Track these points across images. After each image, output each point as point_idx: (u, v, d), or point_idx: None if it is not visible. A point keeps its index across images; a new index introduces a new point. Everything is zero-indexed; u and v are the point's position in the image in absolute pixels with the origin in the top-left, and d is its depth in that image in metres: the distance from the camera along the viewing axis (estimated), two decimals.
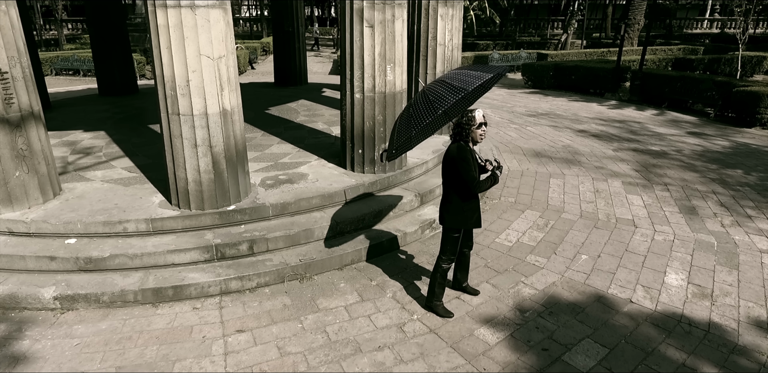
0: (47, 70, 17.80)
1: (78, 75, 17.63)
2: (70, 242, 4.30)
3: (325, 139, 7.03)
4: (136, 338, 3.68)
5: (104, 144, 6.61)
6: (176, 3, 3.63)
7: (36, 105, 4.30)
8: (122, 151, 6.26)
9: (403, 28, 4.87)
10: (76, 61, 17.53)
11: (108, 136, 6.99)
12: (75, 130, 7.31)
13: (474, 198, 3.66)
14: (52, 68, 17.60)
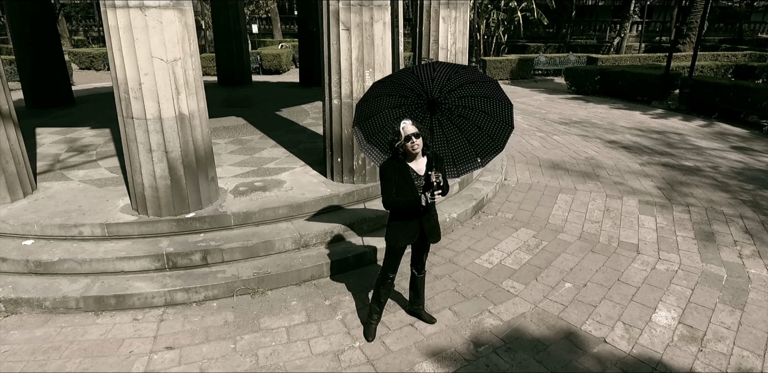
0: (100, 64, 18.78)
1: None
2: (27, 243, 4.29)
3: (322, 144, 6.79)
4: (65, 348, 3.58)
5: (102, 142, 6.70)
6: (124, 3, 3.49)
7: (5, 103, 4.33)
8: (115, 151, 6.30)
9: (385, 31, 4.53)
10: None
11: (111, 134, 7.09)
12: (83, 127, 7.49)
13: (403, 217, 3.31)
14: (104, 63, 18.57)
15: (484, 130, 3.43)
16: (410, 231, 3.35)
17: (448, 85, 3.31)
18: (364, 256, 4.61)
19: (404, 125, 3.05)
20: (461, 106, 3.38)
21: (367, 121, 3.33)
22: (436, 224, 3.50)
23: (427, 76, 3.22)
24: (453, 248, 5.05)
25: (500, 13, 18.88)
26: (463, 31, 6.00)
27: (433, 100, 3.36)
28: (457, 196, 5.87)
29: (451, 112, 3.42)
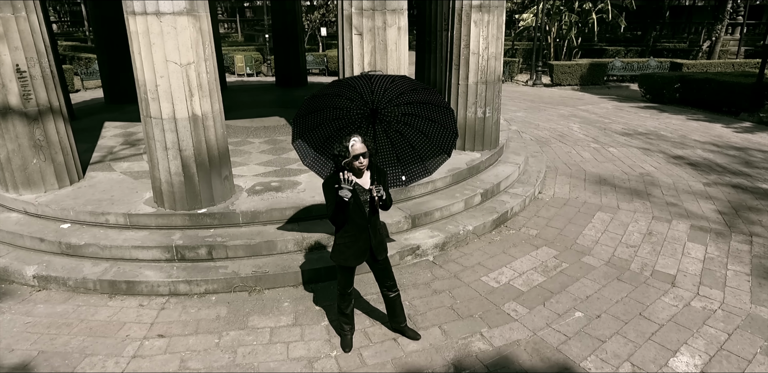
0: None
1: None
2: (64, 226, 4.73)
3: None
4: (75, 326, 3.91)
5: None
6: (143, 10, 3.74)
7: (55, 101, 4.81)
8: None
9: (400, 36, 4.45)
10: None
11: None
12: None
13: (347, 233, 3.24)
14: None
15: (417, 150, 3.46)
16: (359, 249, 3.27)
17: (388, 95, 3.26)
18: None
19: (353, 143, 2.96)
20: (405, 113, 3.38)
21: (311, 133, 3.30)
22: (382, 239, 3.43)
23: (365, 88, 3.15)
24: (462, 263, 4.86)
25: (572, 16, 17.83)
26: (497, 35, 5.74)
27: (374, 110, 3.33)
28: (478, 207, 5.64)
29: (395, 120, 3.42)
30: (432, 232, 5.05)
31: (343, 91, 3.15)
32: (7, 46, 4.31)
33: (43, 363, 3.49)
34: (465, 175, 5.90)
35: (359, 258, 3.30)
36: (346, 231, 3.22)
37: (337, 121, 3.32)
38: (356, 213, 3.15)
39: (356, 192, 3.09)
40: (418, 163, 3.62)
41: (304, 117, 3.11)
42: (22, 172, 4.86)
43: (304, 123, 3.16)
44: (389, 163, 3.66)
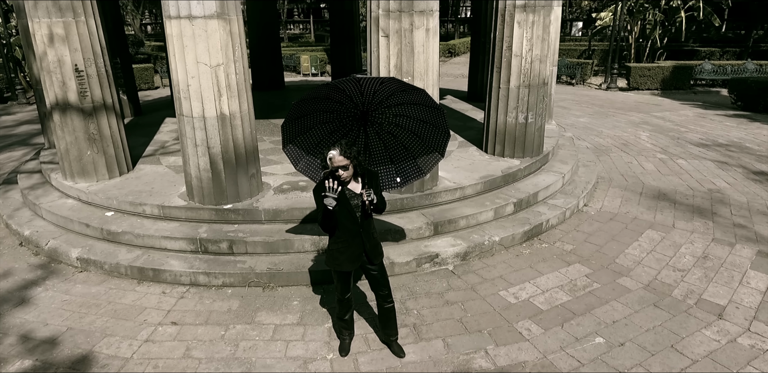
0: None
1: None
2: (108, 214, 5.16)
3: None
4: (102, 307, 4.25)
5: None
6: (177, 14, 3.99)
7: (108, 98, 5.26)
8: None
9: (428, 38, 4.38)
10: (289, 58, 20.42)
11: None
12: None
13: (340, 239, 3.22)
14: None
15: (411, 151, 3.44)
16: (353, 254, 3.24)
17: (378, 96, 3.23)
18: None
19: (331, 156, 2.94)
20: (396, 114, 3.35)
21: (302, 137, 3.30)
22: (376, 243, 3.38)
23: (355, 90, 3.11)
24: (482, 274, 4.70)
25: (658, 14, 16.49)
26: (543, 36, 5.46)
27: (365, 112, 3.30)
28: (510, 218, 5.42)
29: (387, 122, 3.39)
30: (455, 240, 4.93)
31: (332, 93, 3.16)
32: (68, 48, 4.80)
33: (68, 339, 3.84)
34: (499, 183, 5.69)
35: (353, 262, 3.29)
36: (339, 237, 3.22)
37: (327, 124, 3.33)
38: (347, 218, 3.14)
39: (347, 197, 3.09)
40: (411, 164, 3.59)
41: (293, 121, 3.16)
42: (77, 163, 5.38)
43: (293, 127, 3.21)
44: (382, 165, 3.63)
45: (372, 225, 3.30)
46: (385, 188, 3.61)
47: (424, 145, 3.49)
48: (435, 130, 3.40)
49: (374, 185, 3.19)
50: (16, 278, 4.74)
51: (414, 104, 3.25)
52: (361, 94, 3.08)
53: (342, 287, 3.41)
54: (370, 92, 3.07)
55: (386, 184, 3.61)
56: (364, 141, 3.50)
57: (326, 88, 3.13)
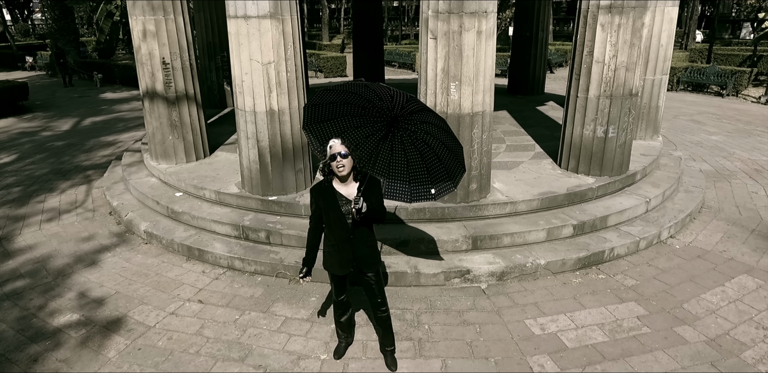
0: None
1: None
2: (177, 194, 5.82)
3: None
4: (150, 277, 4.83)
5: None
6: (235, 14, 4.35)
7: (191, 89, 5.92)
8: None
9: (479, 41, 4.19)
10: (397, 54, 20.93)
11: None
12: None
13: (329, 242, 3.24)
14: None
15: (444, 162, 3.30)
16: (342, 259, 3.24)
17: (409, 107, 3.10)
18: (402, 277, 4.53)
19: (332, 144, 2.97)
20: (424, 131, 3.23)
21: (321, 125, 3.29)
22: (370, 252, 3.31)
23: (385, 93, 3.04)
24: (515, 298, 4.42)
25: None
26: (632, 41, 4.88)
27: (395, 117, 3.21)
28: (566, 241, 5.00)
29: (414, 135, 3.28)
30: (493, 258, 4.69)
31: (361, 91, 3.18)
32: (157, 43, 5.51)
33: (112, 301, 4.44)
34: (561, 201, 5.27)
35: (343, 267, 3.29)
36: (329, 240, 3.25)
37: (355, 118, 3.35)
38: (337, 224, 3.15)
39: (338, 202, 3.11)
40: (445, 175, 3.45)
41: (316, 107, 3.19)
42: (161, 146, 6.15)
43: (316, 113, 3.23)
44: (419, 175, 3.55)
45: (367, 233, 3.26)
46: (417, 200, 3.52)
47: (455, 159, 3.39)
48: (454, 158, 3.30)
49: (373, 194, 3.13)
50: (95, 242, 5.58)
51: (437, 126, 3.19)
52: (391, 98, 3.08)
53: (335, 288, 3.47)
54: (400, 100, 3.05)
55: (419, 195, 3.49)
56: (390, 145, 3.48)
57: (355, 84, 3.15)
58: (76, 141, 10.32)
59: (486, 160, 4.90)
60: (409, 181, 3.54)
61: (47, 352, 3.80)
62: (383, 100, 3.23)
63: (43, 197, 6.98)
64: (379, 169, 3.52)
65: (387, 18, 34.88)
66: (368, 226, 3.27)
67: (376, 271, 3.36)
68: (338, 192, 3.13)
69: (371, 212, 3.05)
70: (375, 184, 3.20)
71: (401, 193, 3.56)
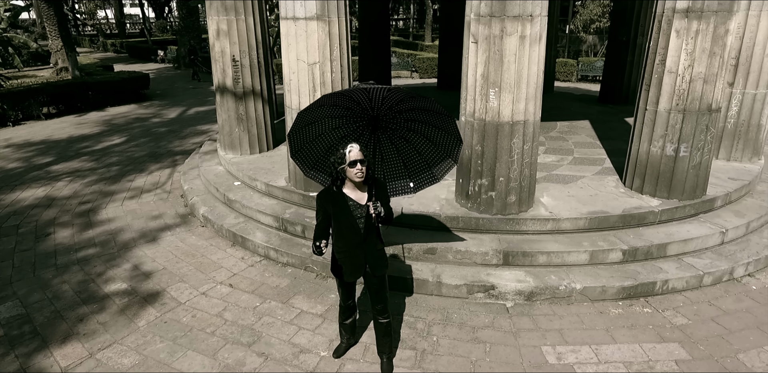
0: None
1: None
2: (236, 183, 6.26)
3: None
4: (196, 257, 5.26)
5: None
6: (285, 15, 4.56)
7: (257, 85, 6.31)
8: None
9: (523, 46, 3.95)
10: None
11: None
12: None
13: (341, 249, 3.23)
14: None
15: (424, 156, 3.33)
16: (354, 265, 3.24)
17: (387, 102, 3.10)
18: (424, 284, 4.46)
19: (351, 149, 2.95)
20: (408, 119, 3.23)
21: (307, 147, 3.33)
22: (380, 255, 3.30)
23: (362, 96, 3.03)
24: (538, 322, 4.15)
25: None
26: (712, 50, 4.27)
27: (375, 117, 3.20)
28: (612, 267, 4.58)
29: (399, 126, 3.29)
30: (524, 276, 4.44)
31: (339, 101, 3.18)
32: (229, 41, 5.94)
33: (157, 276, 4.90)
34: (614, 222, 4.82)
35: (354, 273, 3.31)
36: (340, 247, 3.25)
37: (337, 130, 3.36)
38: (349, 229, 3.15)
39: (349, 208, 3.11)
40: (425, 170, 3.47)
41: (300, 130, 3.23)
42: (228, 137, 6.64)
43: (301, 137, 3.27)
44: (396, 171, 3.54)
45: (376, 236, 3.27)
46: (397, 194, 3.56)
47: (438, 150, 3.39)
48: (447, 135, 3.25)
49: (382, 196, 3.17)
50: (161, 221, 6.19)
51: (423, 110, 3.14)
52: (370, 100, 3.08)
53: (343, 293, 3.48)
54: (378, 98, 3.05)
55: (399, 190, 3.54)
56: (375, 147, 3.46)
57: (332, 96, 3.17)
58: (176, 128, 11.47)
59: (528, 172, 4.64)
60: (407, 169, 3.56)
61: (92, 314, 4.31)
62: (360, 104, 3.21)
63: (133, 177, 7.89)
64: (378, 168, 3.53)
65: None
66: (377, 229, 3.28)
67: (383, 275, 3.35)
68: (349, 197, 3.13)
69: (387, 215, 3.11)
70: (382, 186, 3.24)
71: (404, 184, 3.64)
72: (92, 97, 13.82)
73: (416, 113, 3.19)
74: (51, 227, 6.11)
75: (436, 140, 3.25)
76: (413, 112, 3.18)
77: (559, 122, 8.42)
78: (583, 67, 17.43)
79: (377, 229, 3.28)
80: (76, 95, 13.50)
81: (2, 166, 8.78)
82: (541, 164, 6.27)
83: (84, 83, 13.89)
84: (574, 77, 17.76)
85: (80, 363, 3.70)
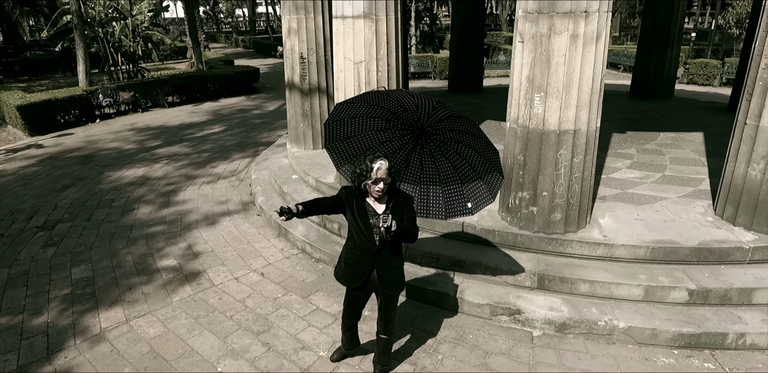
0: None
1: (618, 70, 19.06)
2: (294, 177, 6.50)
3: None
4: (243, 244, 5.56)
5: None
6: (335, 14, 4.57)
7: (323, 82, 6.46)
8: None
9: (575, 46, 3.49)
10: (623, 56, 18.82)
11: None
12: None
13: (351, 250, 3.12)
14: None
15: (477, 170, 3.05)
16: (357, 271, 3.12)
17: (436, 115, 2.83)
18: (444, 298, 4.24)
19: (380, 165, 2.82)
20: (454, 140, 3.01)
21: (345, 142, 3.20)
22: (395, 273, 3.13)
23: (409, 102, 2.81)
24: (563, 358, 3.73)
25: None
26: None
27: (422, 128, 3.01)
28: (674, 308, 3.95)
29: (444, 145, 3.06)
30: (560, 304, 4.01)
31: (383, 102, 3.08)
32: (298, 39, 6.14)
33: (203, 257, 5.26)
34: (684, 256, 4.14)
35: (352, 281, 3.18)
36: (351, 248, 3.15)
37: (382, 132, 3.25)
38: (360, 234, 3.04)
39: (366, 212, 3.00)
40: (481, 186, 3.14)
41: (339, 123, 3.14)
42: (294, 131, 6.90)
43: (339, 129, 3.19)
44: (451, 187, 3.30)
45: (394, 251, 3.10)
46: (454, 215, 3.31)
47: (489, 165, 3.09)
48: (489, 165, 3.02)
49: (405, 210, 2.99)
50: (225, 206, 6.63)
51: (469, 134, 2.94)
52: (416, 107, 2.93)
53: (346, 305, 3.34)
54: (426, 108, 2.89)
55: (455, 211, 3.28)
56: (419, 159, 3.32)
57: (377, 95, 3.09)
58: (270, 120, 12.24)
59: (578, 189, 4.17)
60: (443, 195, 3.33)
61: (140, 285, 4.76)
62: (407, 111, 3.09)
63: (216, 164, 8.57)
64: (409, 184, 3.37)
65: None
66: (397, 244, 3.11)
67: (395, 293, 3.22)
68: (368, 203, 3.03)
69: (401, 231, 2.85)
70: (406, 200, 3.05)
71: (436, 209, 3.37)
72: (210, 88, 15.28)
73: (454, 121, 2.99)
74: (137, 203, 6.86)
75: (482, 149, 3.01)
76: (451, 121, 2.99)
77: (662, 133, 7.48)
78: (729, 70, 15.05)
79: (397, 243, 3.09)
80: (196, 87, 15.01)
81: (121, 146, 10.07)
82: (617, 180, 5.62)
83: (202, 76, 15.40)
84: (717, 81, 15.56)
85: (116, 327, 4.11)
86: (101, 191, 7.32)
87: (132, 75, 16.66)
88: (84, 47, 13.53)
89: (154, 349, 3.81)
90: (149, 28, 17.56)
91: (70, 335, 4.00)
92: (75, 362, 3.70)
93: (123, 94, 13.14)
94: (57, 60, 18.71)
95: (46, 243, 5.65)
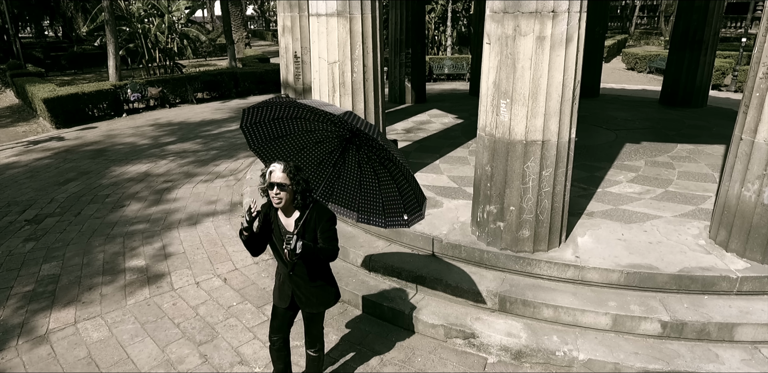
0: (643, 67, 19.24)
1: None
2: None
3: None
4: (216, 246, 5.56)
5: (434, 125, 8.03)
6: (311, 12, 4.46)
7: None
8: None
9: (541, 49, 3.20)
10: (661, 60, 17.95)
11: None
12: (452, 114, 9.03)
13: (277, 271, 3.01)
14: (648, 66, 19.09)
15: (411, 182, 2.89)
16: (283, 292, 2.99)
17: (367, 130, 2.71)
18: (400, 316, 4.05)
19: (273, 169, 2.59)
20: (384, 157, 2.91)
21: (274, 143, 3.07)
22: (315, 292, 2.96)
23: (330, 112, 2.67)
24: None
25: None
26: None
27: (354, 133, 2.88)
28: (646, 342, 3.59)
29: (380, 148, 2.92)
30: (520, 330, 3.74)
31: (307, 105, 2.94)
32: (292, 37, 6.09)
33: (173, 259, 5.27)
34: (662, 283, 3.76)
35: (281, 301, 3.03)
36: (277, 268, 3.03)
37: (311, 133, 3.13)
38: (277, 254, 2.90)
39: (279, 230, 2.79)
40: (414, 200, 2.96)
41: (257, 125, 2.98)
42: None
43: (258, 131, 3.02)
44: (391, 197, 3.15)
45: (312, 271, 2.89)
46: (392, 226, 3.16)
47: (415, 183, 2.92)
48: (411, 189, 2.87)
49: (320, 227, 2.73)
50: (212, 206, 6.67)
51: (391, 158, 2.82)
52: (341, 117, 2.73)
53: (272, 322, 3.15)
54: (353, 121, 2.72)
55: (393, 222, 3.13)
56: (357, 161, 3.18)
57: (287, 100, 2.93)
58: None
59: (549, 204, 3.88)
60: (383, 202, 3.19)
61: (101, 285, 4.82)
62: (327, 116, 2.95)
63: (220, 162, 8.67)
64: (349, 188, 3.25)
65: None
66: (315, 263, 2.86)
67: (317, 312, 3.05)
68: (279, 221, 2.80)
69: (308, 252, 2.63)
70: (322, 215, 2.75)
71: (376, 216, 3.25)
72: (241, 85, 15.58)
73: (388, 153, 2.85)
74: (130, 199, 7.02)
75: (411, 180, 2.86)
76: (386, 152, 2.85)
77: (680, 145, 6.94)
78: None
79: (314, 263, 2.85)
80: (225, 84, 15.35)
81: (136, 142, 10.40)
82: (612, 195, 5.24)
83: (232, 73, 15.73)
84: None
85: (63, 329, 4.16)
86: (100, 186, 7.56)
87: (168, 71, 17.28)
88: (115, 43, 14.13)
89: (92, 355, 3.82)
90: (186, 25, 18.17)
91: (15, 335, 4.07)
92: (10, 363, 3.76)
93: (151, 89, 13.62)
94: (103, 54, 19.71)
95: (28, 237, 5.85)
